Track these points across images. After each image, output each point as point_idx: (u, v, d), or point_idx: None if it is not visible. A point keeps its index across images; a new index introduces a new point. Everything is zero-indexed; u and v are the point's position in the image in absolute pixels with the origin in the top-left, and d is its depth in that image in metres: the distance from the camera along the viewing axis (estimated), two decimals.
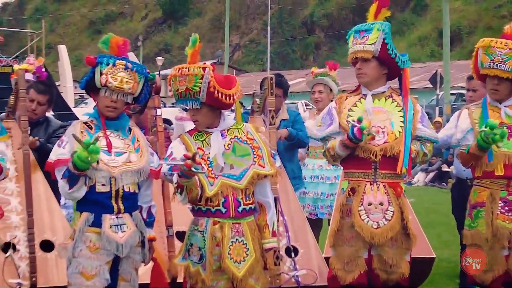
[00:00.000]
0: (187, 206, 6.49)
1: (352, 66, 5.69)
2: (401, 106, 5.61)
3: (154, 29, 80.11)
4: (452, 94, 33.94)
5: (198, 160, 4.52)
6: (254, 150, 4.90)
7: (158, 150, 5.89)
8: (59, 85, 28.47)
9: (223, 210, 4.76)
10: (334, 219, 5.61)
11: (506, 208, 5.72)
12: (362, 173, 5.53)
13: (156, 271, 5.25)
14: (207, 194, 4.73)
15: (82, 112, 6.44)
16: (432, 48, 58.25)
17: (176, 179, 4.62)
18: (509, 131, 5.72)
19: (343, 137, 5.46)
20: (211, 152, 4.81)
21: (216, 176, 4.78)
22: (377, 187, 5.49)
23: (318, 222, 8.14)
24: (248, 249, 4.79)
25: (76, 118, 5.28)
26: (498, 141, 5.46)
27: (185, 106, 4.87)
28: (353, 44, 5.59)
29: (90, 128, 4.87)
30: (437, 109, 32.88)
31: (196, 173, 4.50)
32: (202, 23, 74.71)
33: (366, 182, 5.51)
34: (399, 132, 5.51)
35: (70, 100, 28.14)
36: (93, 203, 4.75)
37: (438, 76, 32.99)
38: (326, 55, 61.65)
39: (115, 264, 4.81)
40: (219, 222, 4.76)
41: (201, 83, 4.70)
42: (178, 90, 4.78)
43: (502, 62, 5.70)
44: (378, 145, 5.47)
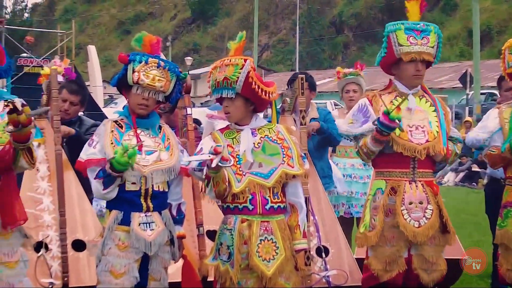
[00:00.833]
0: (218, 205, 6.52)
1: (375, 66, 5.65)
2: (434, 106, 5.60)
3: (183, 29, 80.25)
4: (482, 93, 33.79)
5: (226, 156, 4.54)
6: (284, 150, 4.89)
7: (189, 149, 5.89)
8: (89, 85, 28.56)
9: (250, 207, 4.76)
10: (378, 220, 5.51)
11: None
12: (400, 172, 5.51)
13: (187, 269, 5.25)
14: (234, 190, 4.74)
15: (112, 112, 6.44)
16: (461, 47, 57.96)
17: (205, 171, 4.64)
18: None
19: (373, 132, 5.43)
20: (241, 147, 4.82)
21: (244, 173, 4.79)
22: (415, 186, 5.47)
23: (352, 221, 8.10)
24: (278, 247, 4.78)
25: (105, 118, 5.28)
26: None
27: (219, 96, 4.86)
28: (411, 43, 5.47)
29: (121, 126, 4.89)
30: (467, 108, 32.70)
31: (221, 166, 4.51)
32: (230, 23, 74.70)
33: (405, 181, 5.48)
34: (437, 131, 5.50)
35: (99, 100, 28.27)
36: (122, 201, 4.77)
37: (468, 75, 32.85)
38: (355, 55, 61.48)
39: (145, 263, 4.82)
40: (248, 220, 4.76)
41: (239, 73, 4.73)
42: (216, 80, 4.81)
43: None
44: (421, 144, 5.45)
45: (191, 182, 5.89)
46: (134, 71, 4.80)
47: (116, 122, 4.91)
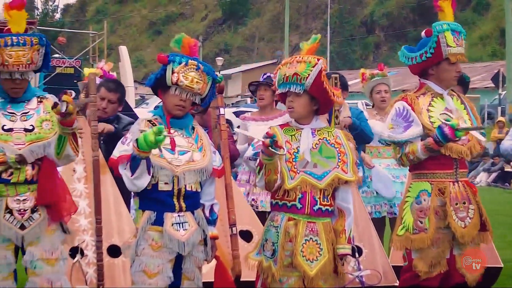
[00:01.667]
0: (252, 205, 6.53)
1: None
2: (463, 104, 5.61)
3: (214, 29, 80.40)
4: None
5: (280, 143, 4.57)
6: (340, 155, 4.89)
7: (222, 149, 5.90)
8: None
9: (299, 206, 4.77)
10: (430, 222, 5.43)
11: None
12: (445, 173, 5.48)
13: (219, 269, 5.24)
14: (286, 187, 4.76)
15: (143, 112, 6.45)
16: (493, 47, 57.58)
17: (260, 158, 4.66)
18: None
19: (426, 140, 5.39)
20: (301, 147, 4.82)
21: (298, 171, 4.79)
22: (458, 186, 5.47)
23: (384, 222, 8.06)
24: (321, 249, 4.78)
25: (137, 118, 5.26)
26: None
27: (286, 90, 4.86)
28: (456, 44, 5.48)
29: (154, 126, 4.89)
30: (499, 108, 32.48)
31: (274, 153, 4.52)
32: (261, 23, 74.77)
33: (449, 182, 5.47)
34: None
35: (131, 100, 28.38)
36: (155, 202, 4.78)
37: (501, 75, 32.65)
38: (386, 55, 61.29)
39: (178, 262, 4.83)
40: (294, 219, 4.77)
41: (311, 70, 4.74)
42: (285, 75, 4.82)
43: None
44: (465, 144, 5.45)
45: (224, 183, 5.90)
46: (173, 72, 4.79)
47: (149, 121, 4.92)
